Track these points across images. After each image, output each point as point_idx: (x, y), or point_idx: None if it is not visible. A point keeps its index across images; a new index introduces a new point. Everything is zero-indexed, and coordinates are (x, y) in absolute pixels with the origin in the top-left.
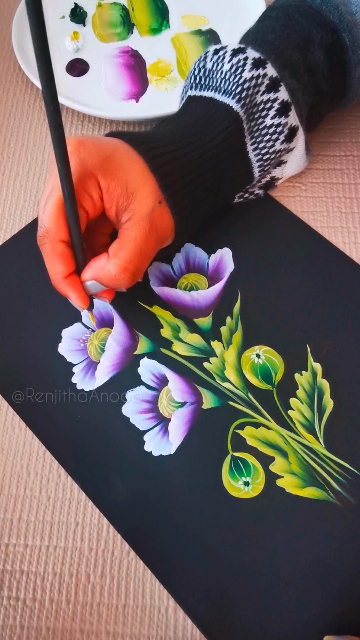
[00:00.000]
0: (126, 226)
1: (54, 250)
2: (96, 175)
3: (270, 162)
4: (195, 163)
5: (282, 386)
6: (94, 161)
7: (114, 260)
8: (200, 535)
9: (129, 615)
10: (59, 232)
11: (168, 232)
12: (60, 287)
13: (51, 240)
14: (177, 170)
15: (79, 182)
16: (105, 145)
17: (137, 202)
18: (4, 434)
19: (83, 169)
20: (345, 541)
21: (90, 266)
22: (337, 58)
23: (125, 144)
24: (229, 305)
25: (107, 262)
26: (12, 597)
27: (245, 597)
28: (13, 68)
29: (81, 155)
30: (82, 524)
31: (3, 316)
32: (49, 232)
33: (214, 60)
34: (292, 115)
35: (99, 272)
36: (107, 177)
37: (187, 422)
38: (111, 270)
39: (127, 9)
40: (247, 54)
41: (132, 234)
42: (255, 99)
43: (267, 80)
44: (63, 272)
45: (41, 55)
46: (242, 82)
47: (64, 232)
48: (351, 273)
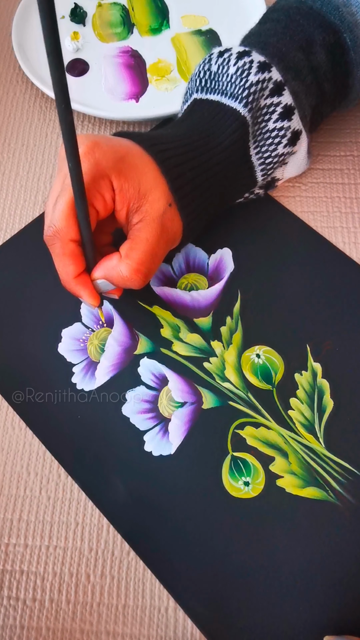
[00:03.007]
0: (137, 227)
1: (65, 250)
2: (110, 176)
3: (273, 166)
4: (204, 166)
5: (282, 386)
6: (109, 162)
7: (126, 261)
8: (200, 535)
9: (129, 615)
10: (70, 232)
11: (177, 234)
12: (71, 286)
13: (62, 239)
14: (187, 173)
15: (92, 183)
16: (118, 146)
17: (149, 204)
18: (4, 434)
19: (97, 170)
20: (345, 541)
21: (101, 265)
22: (339, 59)
23: (137, 145)
24: (229, 305)
25: (119, 263)
26: (12, 597)
27: (245, 597)
28: (13, 68)
29: (95, 156)
30: (82, 524)
31: (3, 316)
32: (59, 232)
33: (219, 63)
34: (296, 119)
35: (110, 271)
36: (120, 178)
37: (187, 422)
38: (123, 271)
39: (127, 9)
40: (252, 57)
41: (144, 235)
42: (260, 103)
43: (272, 85)
44: (74, 272)
45: (52, 51)
46: (249, 85)
47: (75, 231)
48: (351, 273)
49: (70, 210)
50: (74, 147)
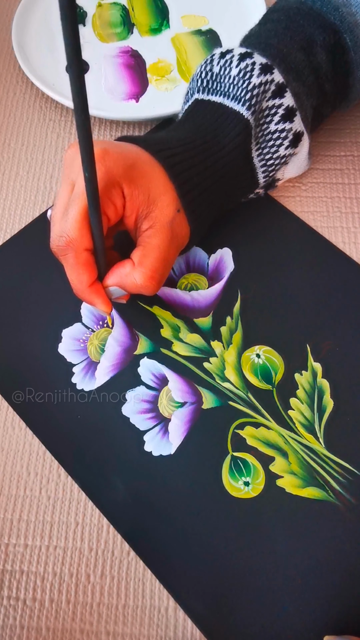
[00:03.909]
0: (148, 234)
1: (79, 260)
2: (121, 184)
3: (275, 168)
4: (209, 171)
5: (282, 386)
6: (119, 170)
7: (140, 269)
8: (200, 535)
9: (129, 615)
10: (84, 241)
11: (186, 238)
12: (85, 295)
13: (76, 249)
14: (194, 178)
15: (104, 191)
16: (127, 152)
17: (159, 210)
18: (4, 434)
19: (108, 178)
20: (345, 541)
21: (114, 273)
22: (339, 59)
23: (145, 151)
24: (229, 305)
25: (132, 270)
26: (12, 597)
27: (245, 597)
28: (13, 68)
29: (107, 164)
30: (82, 524)
31: (3, 316)
32: (73, 242)
33: (221, 64)
34: (297, 121)
35: (124, 279)
36: (131, 186)
37: (187, 422)
38: (137, 278)
39: (127, 9)
40: (254, 58)
41: (156, 242)
42: (262, 105)
43: (274, 87)
44: (88, 280)
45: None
46: (252, 88)
47: (88, 240)
48: (351, 273)
49: (83, 219)
50: (91, 155)
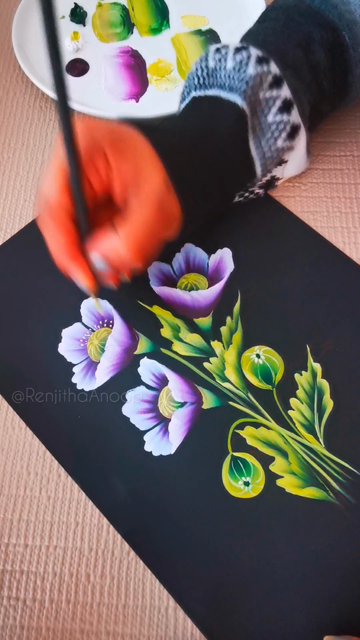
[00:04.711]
0: (135, 205)
1: (54, 217)
2: (105, 150)
3: (272, 159)
4: (201, 154)
5: (282, 386)
6: (105, 138)
7: (123, 238)
8: (200, 535)
9: (129, 615)
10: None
11: (174, 218)
12: (65, 263)
13: (51, 206)
14: (184, 159)
15: (87, 155)
16: (117, 127)
17: (148, 185)
18: (4, 434)
19: (93, 144)
20: (345, 541)
21: (96, 239)
22: (338, 57)
23: (135, 128)
24: (229, 305)
25: (115, 238)
26: (12, 597)
27: (245, 597)
28: (13, 68)
29: (92, 133)
30: (82, 524)
31: (3, 316)
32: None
33: (216, 58)
34: (295, 114)
35: (105, 247)
36: (117, 157)
37: (187, 422)
38: (120, 248)
39: (127, 9)
40: (250, 51)
41: (142, 213)
42: (259, 95)
43: (271, 78)
44: (65, 243)
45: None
46: (248, 78)
47: (67, 199)
48: (351, 273)
49: (60, 174)
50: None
